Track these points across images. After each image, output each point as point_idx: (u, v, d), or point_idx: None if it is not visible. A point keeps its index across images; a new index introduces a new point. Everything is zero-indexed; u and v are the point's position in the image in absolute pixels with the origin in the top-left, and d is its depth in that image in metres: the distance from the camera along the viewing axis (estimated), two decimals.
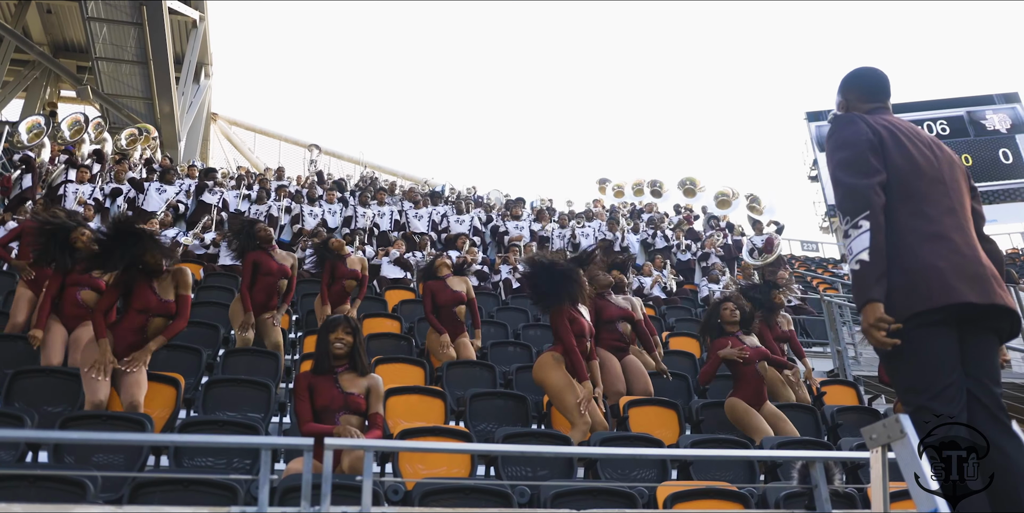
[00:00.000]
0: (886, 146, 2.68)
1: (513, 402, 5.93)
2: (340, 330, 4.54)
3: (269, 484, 2.71)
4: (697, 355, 8.24)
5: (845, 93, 3.03)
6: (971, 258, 2.54)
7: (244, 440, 4.04)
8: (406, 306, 9.04)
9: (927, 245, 2.53)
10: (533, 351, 7.54)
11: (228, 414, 5.23)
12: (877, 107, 2.90)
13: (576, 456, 4.98)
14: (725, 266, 13.42)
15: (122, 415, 4.69)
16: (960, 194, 2.72)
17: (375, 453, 4.72)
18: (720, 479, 5.09)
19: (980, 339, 2.55)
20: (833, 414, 6.51)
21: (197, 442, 4.16)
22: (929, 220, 2.58)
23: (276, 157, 25.94)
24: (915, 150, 2.70)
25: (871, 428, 2.48)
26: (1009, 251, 19.70)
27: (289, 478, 3.60)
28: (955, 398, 2.42)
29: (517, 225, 13.84)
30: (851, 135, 2.71)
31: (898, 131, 2.75)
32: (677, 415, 6.09)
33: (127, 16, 20.46)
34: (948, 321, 2.47)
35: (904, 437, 2.33)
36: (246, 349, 6.45)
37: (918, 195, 2.62)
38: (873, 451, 2.48)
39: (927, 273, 2.49)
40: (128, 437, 3.87)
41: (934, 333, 2.46)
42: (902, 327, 2.44)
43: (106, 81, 22.07)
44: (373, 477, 2.91)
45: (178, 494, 3.59)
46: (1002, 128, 24.14)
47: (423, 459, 4.75)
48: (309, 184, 15.30)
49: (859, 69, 3.04)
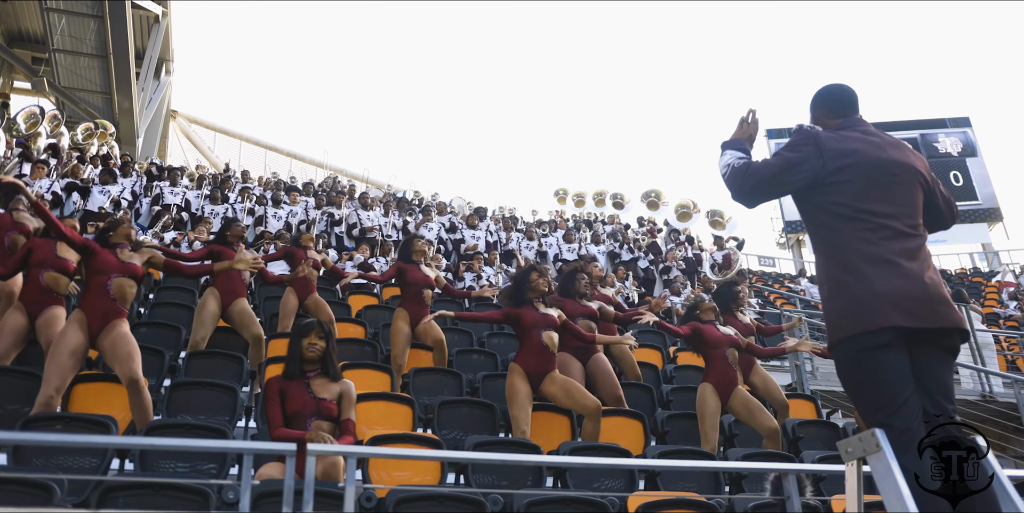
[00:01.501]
0: (839, 167, 2.73)
1: (481, 410, 5.91)
2: (313, 334, 4.49)
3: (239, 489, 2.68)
4: (660, 366, 8.29)
5: (813, 110, 3.11)
6: (917, 282, 2.58)
7: (226, 445, 3.96)
8: (370, 311, 8.96)
9: (872, 269, 2.58)
10: (498, 359, 7.52)
11: (197, 417, 5.14)
12: (845, 121, 2.96)
13: (551, 465, 4.99)
14: (686, 279, 13.53)
15: (86, 417, 4.57)
16: (914, 210, 2.76)
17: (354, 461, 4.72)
18: (686, 489, 5.14)
19: (932, 357, 2.60)
20: (794, 427, 6.59)
21: (177, 446, 4.06)
22: (876, 244, 2.62)
23: (236, 157, 25.64)
24: (873, 168, 2.74)
25: (847, 442, 2.53)
26: (958, 271, 20.15)
27: (264, 483, 3.55)
28: (912, 413, 2.49)
29: (474, 235, 13.87)
30: (791, 151, 2.82)
31: (863, 146, 2.80)
32: (642, 426, 6.12)
33: (88, 8, 20.08)
34: (897, 342, 2.52)
35: (880, 451, 2.39)
36: (209, 351, 6.35)
37: (868, 216, 2.67)
38: (848, 464, 2.53)
39: (869, 298, 2.55)
40: (103, 439, 3.78)
41: (885, 354, 2.52)
42: (855, 352, 2.55)
43: (63, 74, 21.65)
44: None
45: (148, 498, 3.52)
46: (953, 151, 24.84)
47: (394, 465, 4.72)
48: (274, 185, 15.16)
49: (826, 87, 3.11)
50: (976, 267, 23.11)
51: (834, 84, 3.10)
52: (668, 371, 8.23)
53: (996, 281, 18.89)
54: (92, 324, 5.10)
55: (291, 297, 7.72)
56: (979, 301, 16.36)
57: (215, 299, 6.79)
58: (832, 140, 2.81)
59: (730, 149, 3.02)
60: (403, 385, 6.43)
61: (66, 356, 4.90)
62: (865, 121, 2.98)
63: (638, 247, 14.30)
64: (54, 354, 4.91)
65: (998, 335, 11.82)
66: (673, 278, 13.32)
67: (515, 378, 5.77)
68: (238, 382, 5.81)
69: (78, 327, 5.06)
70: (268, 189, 14.67)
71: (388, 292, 10.50)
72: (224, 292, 6.84)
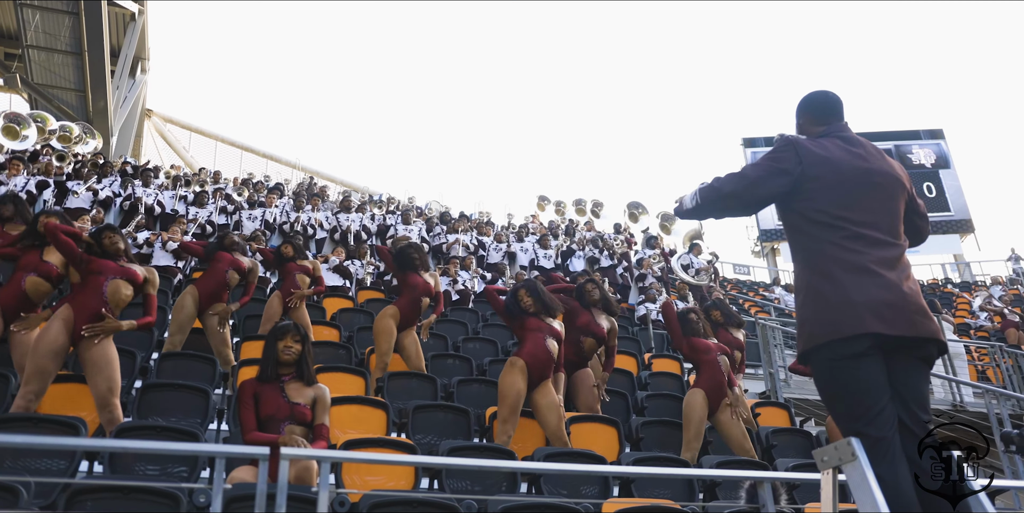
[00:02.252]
0: (818, 175, 2.73)
1: (455, 415, 5.88)
2: (289, 337, 4.45)
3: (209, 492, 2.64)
4: (635, 373, 8.30)
5: (799, 117, 3.12)
6: (895, 291, 2.58)
7: (198, 448, 3.91)
8: (345, 314, 8.91)
9: (849, 277, 2.59)
10: (473, 363, 7.50)
11: (168, 419, 5.07)
12: (828, 129, 2.96)
13: (524, 471, 4.97)
14: (662, 286, 13.55)
15: (54, 418, 4.49)
16: (894, 219, 2.77)
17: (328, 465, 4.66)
18: (660, 496, 5.12)
19: (908, 366, 2.60)
20: (768, 435, 6.62)
21: (148, 449, 3.99)
22: (855, 252, 2.62)
23: (212, 157, 25.46)
24: (854, 175, 2.75)
25: (823, 450, 2.53)
26: (930, 281, 20.36)
27: (236, 487, 3.50)
28: (888, 422, 2.49)
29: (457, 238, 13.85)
30: (773, 160, 2.82)
31: (843, 154, 2.80)
32: (617, 432, 6.12)
33: (63, 5, 19.90)
34: (873, 351, 2.53)
35: (856, 460, 2.39)
36: (181, 353, 6.28)
37: (847, 224, 2.67)
38: (824, 473, 2.53)
39: (845, 306, 2.55)
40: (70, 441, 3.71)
41: (860, 362, 2.52)
42: (831, 360, 2.56)
43: (36, 70, 21.43)
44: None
45: (117, 501, 3.47)
46: (927, 163, 25.06)
47: (368, 470, 4.68)
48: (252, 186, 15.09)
49: (810, 94, 3.11)
50: (948, 278, 23.34)
51: (819, 91, 3.11)
52: (643, 378, 8.24)
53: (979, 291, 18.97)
54: (78, 324, 4.91)
55: (275, 301, 7.64)
56: (951, 312, 16.54)
57: (193, 300, 6.72)
58: (812, 147, 2.81)
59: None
60: (377, 389, 6.38)
61: (48, 359, 4.78)
62: (848, 128, 2.98)
63: (613, 254, 14.30)
64: (35, 356, 4.78)
65: (969, 345, 11.92)
66: (648, 285, 13.35)
67: (516, 374, 5.67)
68: (210, 384, 5.74)
69: (63, 327, 4.87)
70: (240, 189, 14.59)
71: (364, 295, 10.46)
72: (204, 295, 6.78)
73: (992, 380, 11.09)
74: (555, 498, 4.60)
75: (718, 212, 2.94)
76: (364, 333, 7.95)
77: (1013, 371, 10.39)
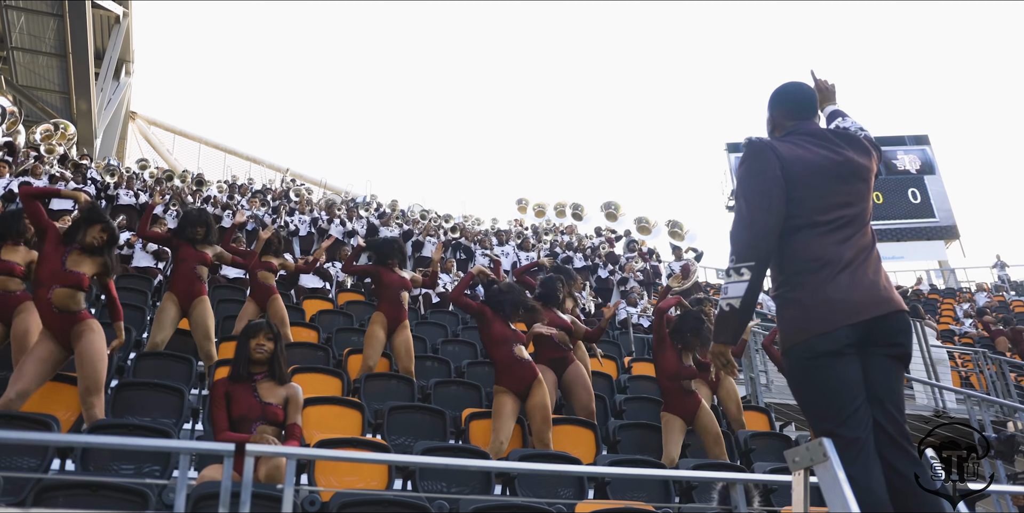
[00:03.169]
0: (792, 175, 2.69)
1: (431, 416, 5.86)
2: (261, 335, 4.44)
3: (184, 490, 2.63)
4: (614, 376, 8.32)
5: (771, 110, 3.07)
6: (869, 287, 2.60)
7: (162, 443, 3.90)
8: (324, 316, 8.89)
9: (824, 274, 2.59)
10: (452, 366, 7.50)
11: (141, 419, 5.05)
12: (799, 125, 2.92)
13: (497, 471, 4.96)
14: (643, 289, 13.60)
15: (27, 415, 4.47)
16: (864, 213, 2.75)
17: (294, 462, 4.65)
18: (636, 499, 5.13)
19: (883, 366, 2.61)
20: (747, 439, 6.63)
21: (112, 444, 3.97)
22: (828, 250, 2.62)
23: (195, 159, 25.41)
24: (822, 175, 2.72)
25: (794, 451, 2.51)
26: (913, 288, 20.39)
27: (204, 485, 3.50)
28: (862, 423, 2.49)
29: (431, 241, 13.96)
30: (760, 166, 2.72)
31: (810, 153, 2.76)
32: (594, 435, 6.13)
33: (47, 7, 19.86)
34: (848, 350, 2.53)
35: (827, 460, 2.37)
36: (159, 353, 6.26)
37: (822, 224, 2.66)
38: (795, 474, 2.51)
39: (822, 305, 2.56)
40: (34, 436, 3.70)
41: (836, 361, 2.52)
42: (807, 359, 2.56)
43: (21, 72, 21.36)
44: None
45: (86, 498, 3.46)
46: (912, 168, 24.95)
47: (341, 471, 4.67)
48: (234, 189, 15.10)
49: (784, 85, 3.07)
50: (932, 284, 23.35)
51: (793, 83, 3.07)
52: (623, 381, 8.26)
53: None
54: (56, 336, 4.94)
55: (250, 306, 7.62)
56: (935, 318, 16.58)
57: (173, 303, 6.67)
58: (786, 147, 2.77)
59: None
60: (354, 390, 6.38)
61: (37, 364, 4.81)
62: (817, 124, 2.97)
63: (598, 256, 14.37)
64: (26, 359, 4.83)
65: (952, 351, 11.93)
66: (630, 289, 13.40)
67: (502, 397, 5.74)
68: (187, 384, 5.73)
69: (49, 337, 4.92)
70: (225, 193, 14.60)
71: (344, 297, 10.45)
72: (180, 294, 6.69)
73: (976, 386, 11.11)
74: (528, 499, 4.62)
75: (767, 256, 2.69)
76: (342, 334, 7.95)
77: (997, 377, 10.42)
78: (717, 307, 2.74)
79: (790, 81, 3.09)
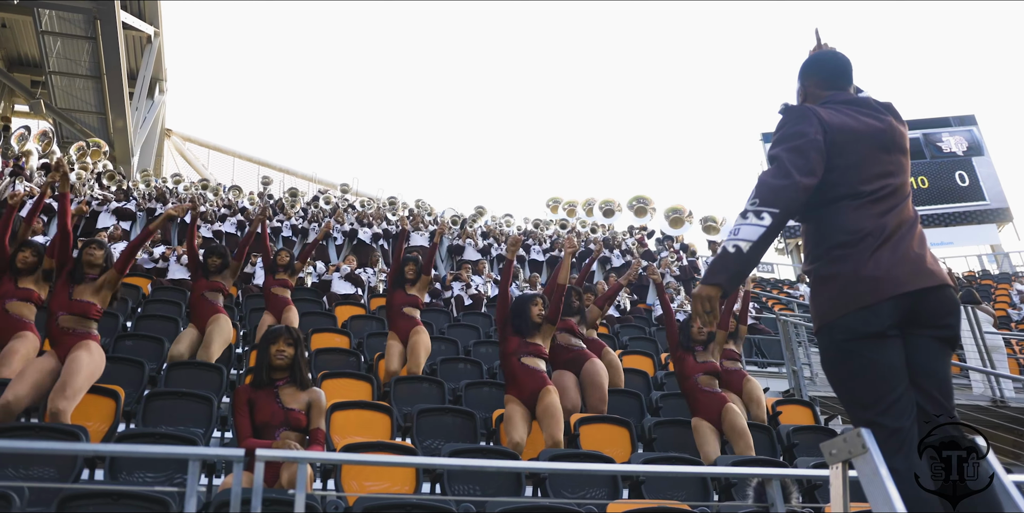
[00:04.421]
0: (836, 143, 2.51)
1: (461, 418, 5.82)
2: (281, 341, 4.43)
3: (197, 496, 2.62)
4: (651, 373, 8.22)
5: (803, 80, 2.88)
6: (915, 259, 2.42)
7: (169, 450, 3.90)
8: (356, 321, 8.93)
9: (865, 246, 2.40)
10: (484, 368, 7.47)
11: (173, 428, 5.08)
12: (836, 94, 2.74)
13: (521, 471, 4.87)
14: (680, 285, 13.46)
15: (56, 426, 4.50)
16: (905, 185, 2.59)
17: (319, 468, 4.63)
18: (673, 498, 4.97)
19: (928, 348, 2.41)
20: (789, 434, 6.48)
21: (120, 452, 4.02)
22: (872, 221, 2.44)
23: (230, 173, 25.76)
24: (867, 143, 2.56)
25: (831, 443, 2.33)
26: (966, 274, 19.79)
27: (224, 492, 3.50)
28: (906, 411, 2.30)
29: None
30: (801, 129, 2.52)
31: (854, 121, 2.59)
32: (629, 433, 6.02)
33: (81, 30, 20.29)
34: (890, 331, 2.34)
35: (866, 452, 2.19)
36: (190, 362, 6.31)
37: (865, 194, 2.48)
38: (833, 467, 2.33)
39: (864, 279, 2.36)
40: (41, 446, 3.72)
41: (876, 344, 2.33)
42: (844, 341, 2.36)
43: (59, 95, 21.83)
44: (315, 493, 2.83)
45: (108, 507, 3.46)
46: (958, 150, 24.07)
47: (367, 475, 4.63)
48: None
49: (818, 53, 2.90)
50: (985, 269, 22.70)
51: (827, 50, 2.89)
52: (659, 378, 8.16)
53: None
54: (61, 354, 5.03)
55: (267, 317, 7.79)
56: (990, 303, 16.10)
57: (192, 327, 6.89)
58: (829, 113, 2.59)
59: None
60: (384, 394, 6.37)
61: (36, 374, 4.86)
62: (852, 93, 2.79)
63: (631, 255, 14.28)
64: (28, 367, 4.89)
65: (1009, 338, 11.48)
66: (666, 284, 13.26)
67: (510, 405, 5.71)
68: (216, 393, 5.76)
69: (53, 354, 5.04)
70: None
71: (376, 302, 10.48)
72: (195, 320, 6.91)
73: None
74: (556, 500, 4.54)
75: (794, 209, 2.49)
76: (374, 339, 7.97)
77: None
78: (720, 247, 2.52)
79: (821, 49, 2.92)
